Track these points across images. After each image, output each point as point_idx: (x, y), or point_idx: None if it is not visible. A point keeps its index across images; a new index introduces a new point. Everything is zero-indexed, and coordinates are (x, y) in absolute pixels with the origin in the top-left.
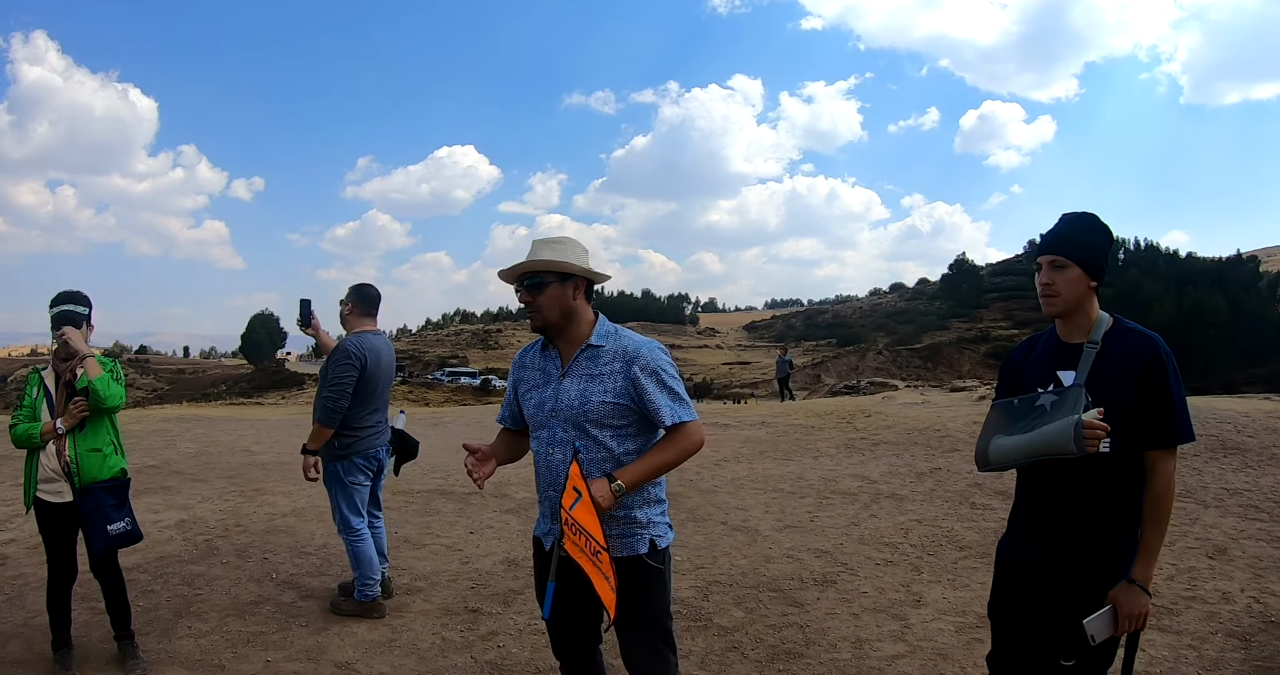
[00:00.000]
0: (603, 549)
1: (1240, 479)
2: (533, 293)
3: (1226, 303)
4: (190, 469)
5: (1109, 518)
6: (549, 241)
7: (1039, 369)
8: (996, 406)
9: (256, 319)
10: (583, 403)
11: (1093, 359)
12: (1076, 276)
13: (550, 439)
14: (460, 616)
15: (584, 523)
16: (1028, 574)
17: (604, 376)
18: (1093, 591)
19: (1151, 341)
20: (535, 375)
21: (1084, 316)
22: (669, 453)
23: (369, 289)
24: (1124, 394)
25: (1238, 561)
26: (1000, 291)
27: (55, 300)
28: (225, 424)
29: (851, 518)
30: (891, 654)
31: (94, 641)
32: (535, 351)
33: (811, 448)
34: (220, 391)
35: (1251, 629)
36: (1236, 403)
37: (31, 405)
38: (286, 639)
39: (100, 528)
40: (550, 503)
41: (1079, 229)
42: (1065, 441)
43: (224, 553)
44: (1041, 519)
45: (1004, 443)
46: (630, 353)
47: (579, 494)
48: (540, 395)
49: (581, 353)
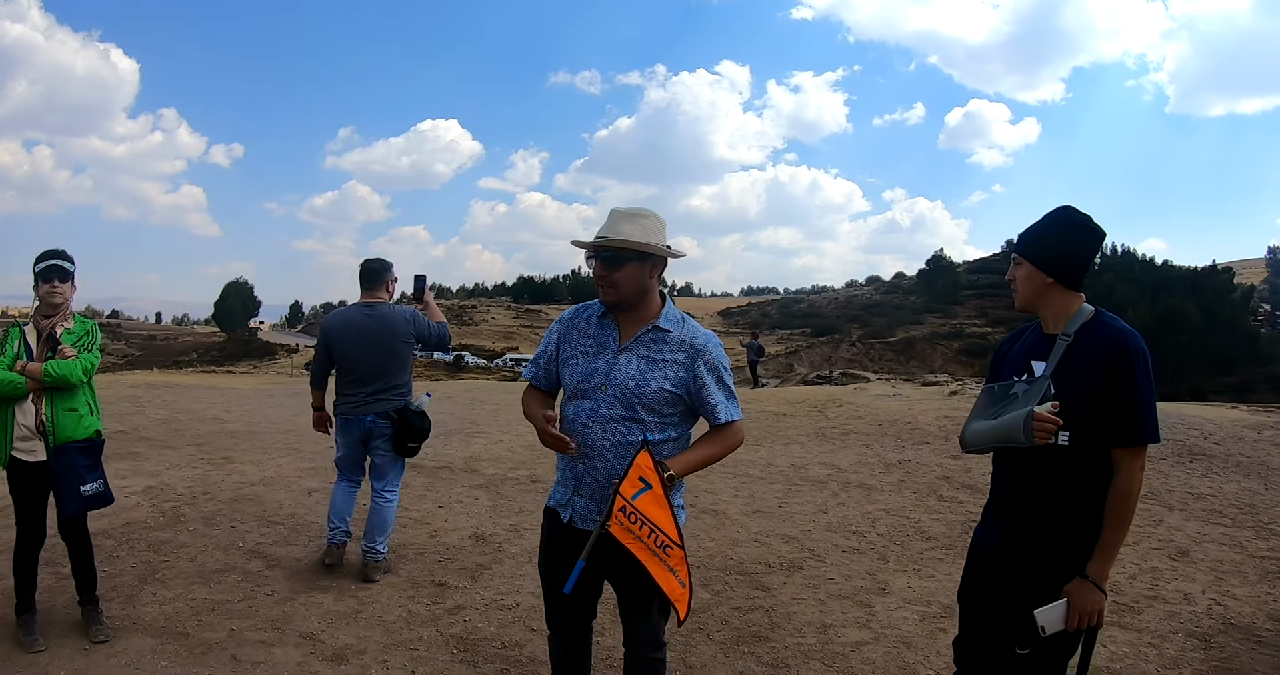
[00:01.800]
0: (675, 544)
1: (1205, 484)
2: (609, 267)
3: (1199, 311)
4: (159, 435)
5: (1070, 511)
6: (632, 215)
7: (1019, 358)
8: (983, 391)
9: (231, 287)
10: (639, 384)
11: (1063, 351)
12: (1028, 273)
13: (593, 412)
14: (427, 589)
15: (651, 514)
16: (992, 561)
17: (666, 363)
18: (1049, 583)
19: (1121, 336)
20: (586, 342)
21: (1060, 310)
22: (716, 448)
23: (367, 263)
24: (1084, 387)
25: (1200, 564)
26: (976, 289)
27: (42, 257)
28: (196, 392)
29: (820, 505)
30: (856, 640)
31: (58, 607)
32: (589, 317)
33: (782, 434)
34: (191, 359)
35: (1211, 630)
36: (1205, 410)
37: (12, 356)
38: (252, 608)
39: (73, 488)
40: (577, 474)
41: (1044, 226)
42: (1016, 431)
43: (191, 520)
44: (1005, 507)
45: (976, 426)
46: (698, 346)
47: (646, 484)
48: (590, 364)
49: (646, 333)
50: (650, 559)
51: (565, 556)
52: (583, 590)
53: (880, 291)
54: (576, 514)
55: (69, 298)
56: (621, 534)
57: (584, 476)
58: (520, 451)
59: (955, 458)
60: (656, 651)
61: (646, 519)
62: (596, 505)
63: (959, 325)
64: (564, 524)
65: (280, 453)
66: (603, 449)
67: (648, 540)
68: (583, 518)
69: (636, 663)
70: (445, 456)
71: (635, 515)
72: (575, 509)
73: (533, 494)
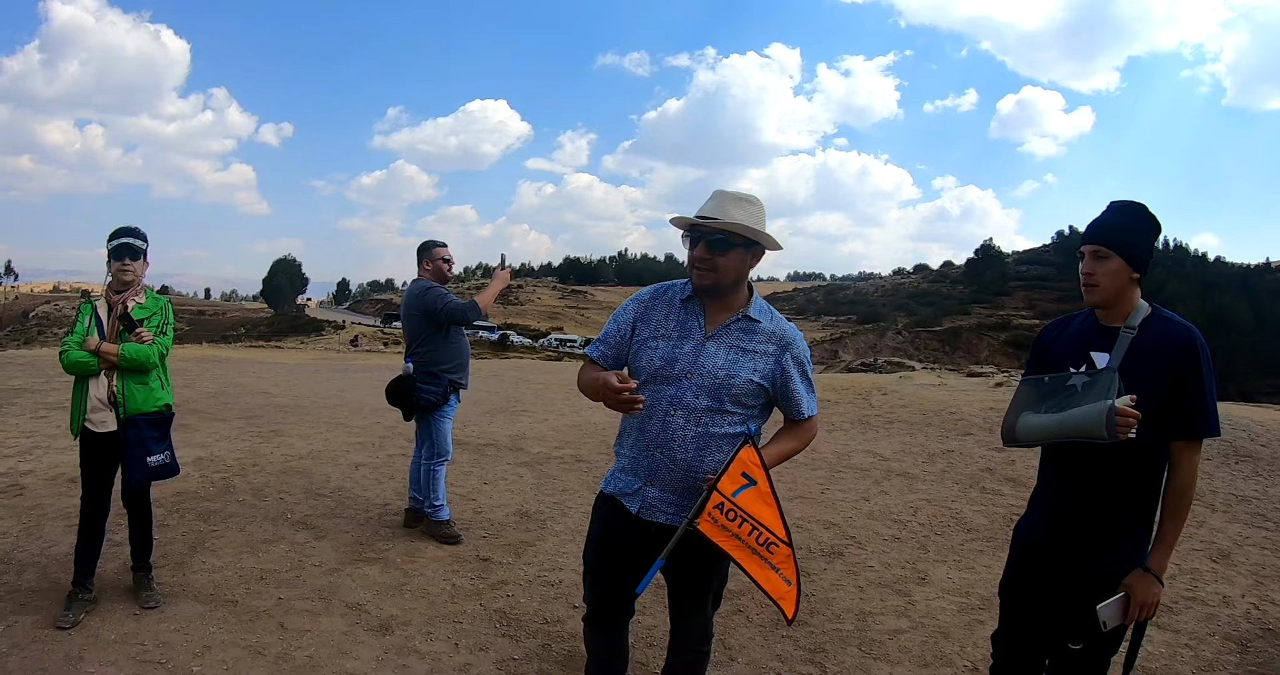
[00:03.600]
0: (782, 542)
1: (1250, 487)
2: (714, 251)
3: (1250, 310)
4: (209, 408)
5: (1126, 504)
6: (739, 198)
7: (1072, 348)
8: (1026, 382)
9: (279, 264)
10: (729, 374)
11: (1128, 344)
12: (1117, 267)
13: (675, 400)
14: (471, 564)
15: (755, 511)
16: (1041, 554)
17: (756, 355)
18: (1105, 577)
19: (1187, 331)
20: (669, 325)
21: (1129, 304)
22: (798, 442)
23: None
24: (1156, 381)
25: (1240, 567)
26: (1024, 280)
27: (115, 234)
28: (244, 366)
29: (862, 493)
30: (894, 628)
31: (109, 573)
32: (673, 299)
33: (826, 421)
34: (239, 334)
35: (1249, 634)
36: (1253, 411)
37: (83, 333)
38: (299, 578)
39: (140, 458)
40: (652, 463)
41: (1125, 219)
42: (1097, 427)
43: (240, 491)
44: (1060, 500)
45: (1033, 421)
46: (787, 339)
47: (750, 481)
48: (673, 350)
49: (735, 322)
50: (749, 557)
51: (630, 551)
52: (627, 585)
53: (927, 280)
54: (646, 505)
55: (140, 274)
56: (714, 531)
57: (660, 467)
58: (565, 431)
59: (999, 450)
60: (704, 645)
61: (749, 516)
62: (671, 498)
63: (1006, 316)
64: (629, 515)
65: (327, 427)
66: (684, 440)
67: (748, 538)
68: (653, 510)
69: (684, 654)
70: (491, 434)
71: (735, 512)
72: (645, 500)
73: (577, 473)
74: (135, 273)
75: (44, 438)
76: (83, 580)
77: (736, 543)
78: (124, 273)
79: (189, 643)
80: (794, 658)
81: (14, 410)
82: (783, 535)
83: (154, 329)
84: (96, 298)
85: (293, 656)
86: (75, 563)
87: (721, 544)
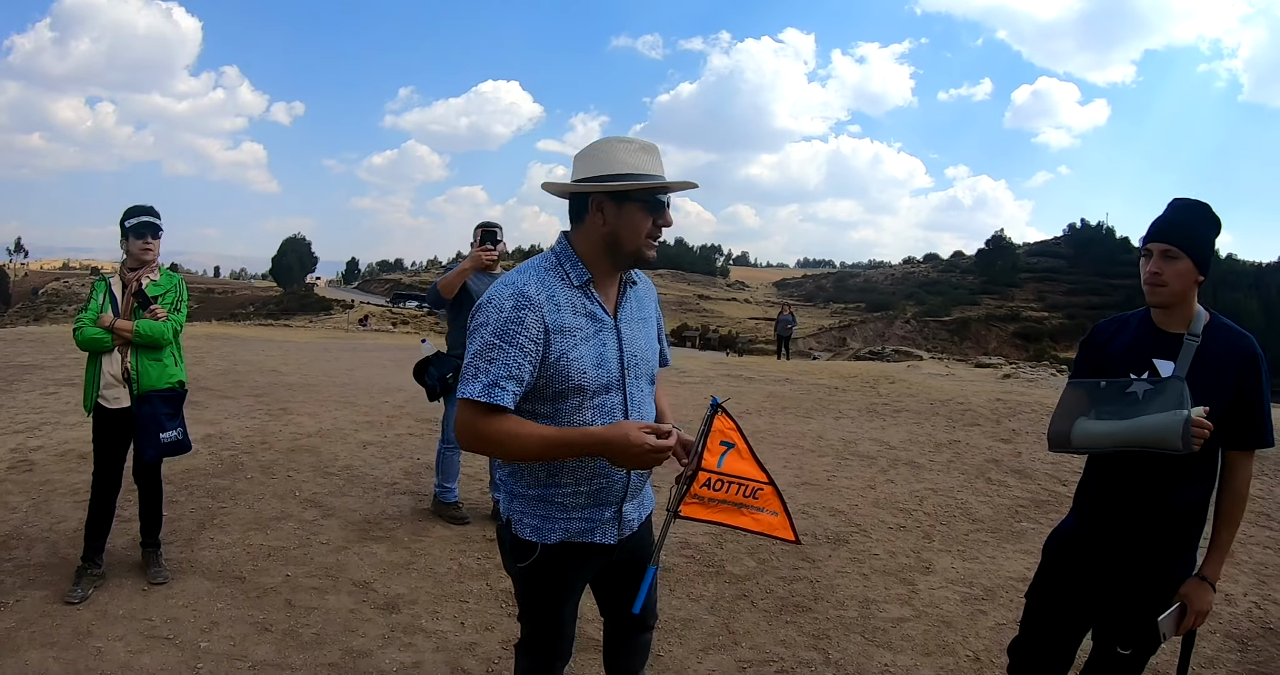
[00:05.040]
0: (765, 483)
1: (1255, 486)
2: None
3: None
4: (218, 386)
5: (1185, 513)
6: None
7: (1133, 354)
8: (1078, 385)
9: (288, 243)
10: (652, 352)
11: (1193, 352)
12: (1186, 269)
13: (627, 404)
14: (478, 544)
15: (739, 471)
16: (1094, 562)
17: (648, 321)
18: (1164, 584)
19: (1249, 341)
20: (580, 322)
21: (1186, 308)
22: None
23: None
24: (1222, 392)
25: (1243, 566)
26: (1035, 272)
27: (134, 212)
28: (254, 344)
29: (868, 481)
30: (897, 616)
31: (118, 548)
32: (560, 289)
33: (834, 408)
34: (249, 312)
35: (1250, 633)
36: None
37: (97, 310)
38: (307, 555)
39: (153, 435)
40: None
41: (1195, 220)
42: (1173, 438)
43: (249, 468)
44: (1121, 509)
45: (1094, 427)
46: (653, 291)
47: (729, 446)
48: (597, 350)
49: (626, 291)
50: (737, 515)
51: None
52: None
53: (937, 269)
54: (625, 524)
55: (157, 252)
56: (701, 510)
57: (633, 479)
58: None
59: (1005, 441)
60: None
61: (735, 477)
62: (636, 501)
63: (1015, 308)
64: (599, 549)
65: (336, 406)
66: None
67: (735, 497)
68: (628, 525)
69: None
70: None
71: (722, 481)
72: (623, 520)
73: None
74: (155, 251)
75: (54, 414)
76: (92, 556)
77: (725, 508)
78: (146, 252)
79: (197, 618)
80: (797, 643)
81: (24, 386)
82: (764, 478)
83: (168, 306)
84: (110, 275)
85: (299, 633)
86: (85, 538)
87: (709, 518)
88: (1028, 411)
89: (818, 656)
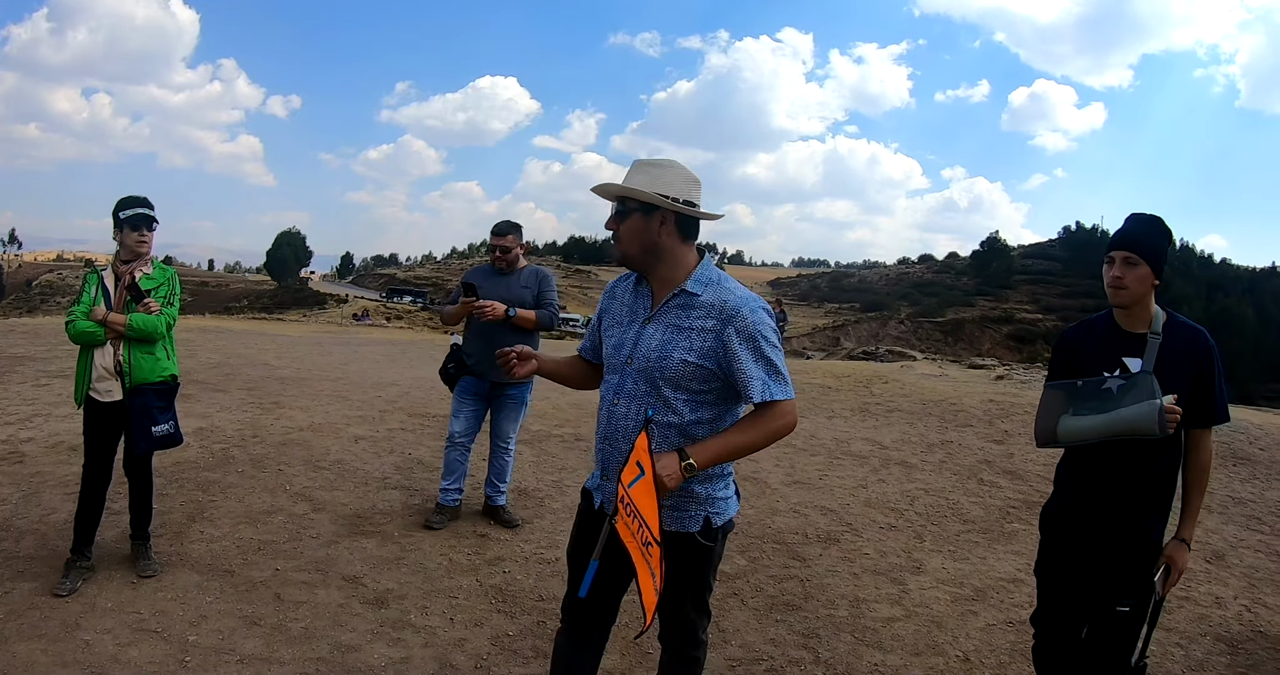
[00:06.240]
0: (655, 543)
1: (1247, 489)
2: (615, 220)
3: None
4: (210, 379)
5: (1160, 485)
6: (648, 164)
7: (1103, 354)
8: (1056, 387)
9: (283, 236)
10: (661, 357)
11: (1157, 349)
12: (1145, 274)
13: (618, 387)
14: (469, 540)
15: (640, 506)
16: (1082, 533)
17: (692, 332)
18: (1148, 546)
19: (1204, 335)
20: (622, 311)
21: (1145, 309)
22: (753, 434)
23: None
24: (1182, 381)
25: (1234, 569)
26: (1030, 274)
27: (128, 203)
28: (246, 337)
29: (860, 480)
30: (887, 616)
31: (107, 541)
32: (628, 284)
33: (826, 407)
34: (242, 306)
35: (1240, 636)
36: (1252, 414)
37: (90, 303)
38: (296, 549)
39: (145, 428)
40: (604, 456)
41: (1151, 231)
42: (1150, 425)
43: (239, 462)
44: (1104, 487)
45: (1077, 423)
46: (729, 310)
47: (641, 471)
48: (621, 336)
49: (673, 298)
50: (638, 559)
51: (587, 547)
52: (604, 587)
53: (932, 271)
54: (606, 499)
55: (151, 245)
56: (623, 530)
57: (610, 459)
58: (565, 409)
59: (998, 442)
60: (690, 650)
61: (638, 511)
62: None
63: (1010, 310)
64: (594, 510)
65: (329, 400)
66: (626, 430)
67: (636, 536)
68: (609, 504)
69: (673, 660)
70: None
71: (631, 509)
72: (604, 494)
73: (576, 452)
74: (150, 244)
75: (45, 406)
76: (81, 548)
77: (634, 544)
78: (142, 244)
79: (185, 612)
80: (787, 642)
81: (16, 378)
82: (656, 535)
83: (161, 299)
84: (102, 267)
85: (288, 628)
86: (75, 531)
87: (628, 546)
88: (1020, 413)
89: (807, 655)
